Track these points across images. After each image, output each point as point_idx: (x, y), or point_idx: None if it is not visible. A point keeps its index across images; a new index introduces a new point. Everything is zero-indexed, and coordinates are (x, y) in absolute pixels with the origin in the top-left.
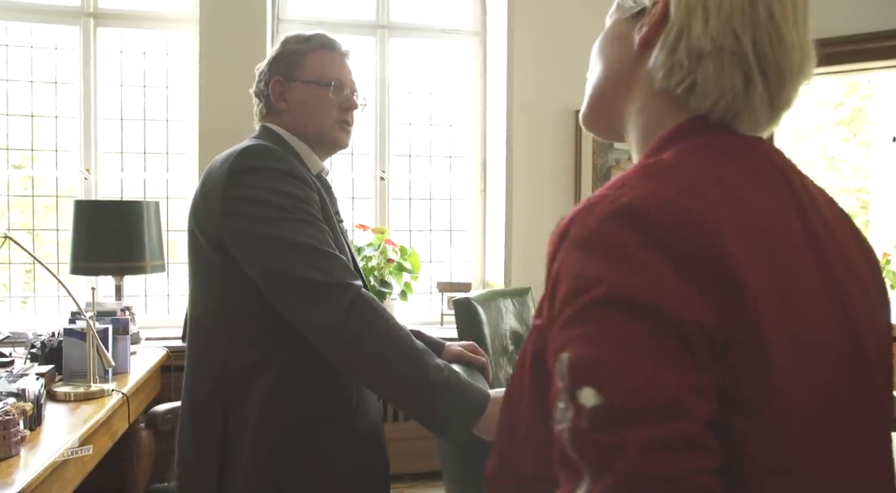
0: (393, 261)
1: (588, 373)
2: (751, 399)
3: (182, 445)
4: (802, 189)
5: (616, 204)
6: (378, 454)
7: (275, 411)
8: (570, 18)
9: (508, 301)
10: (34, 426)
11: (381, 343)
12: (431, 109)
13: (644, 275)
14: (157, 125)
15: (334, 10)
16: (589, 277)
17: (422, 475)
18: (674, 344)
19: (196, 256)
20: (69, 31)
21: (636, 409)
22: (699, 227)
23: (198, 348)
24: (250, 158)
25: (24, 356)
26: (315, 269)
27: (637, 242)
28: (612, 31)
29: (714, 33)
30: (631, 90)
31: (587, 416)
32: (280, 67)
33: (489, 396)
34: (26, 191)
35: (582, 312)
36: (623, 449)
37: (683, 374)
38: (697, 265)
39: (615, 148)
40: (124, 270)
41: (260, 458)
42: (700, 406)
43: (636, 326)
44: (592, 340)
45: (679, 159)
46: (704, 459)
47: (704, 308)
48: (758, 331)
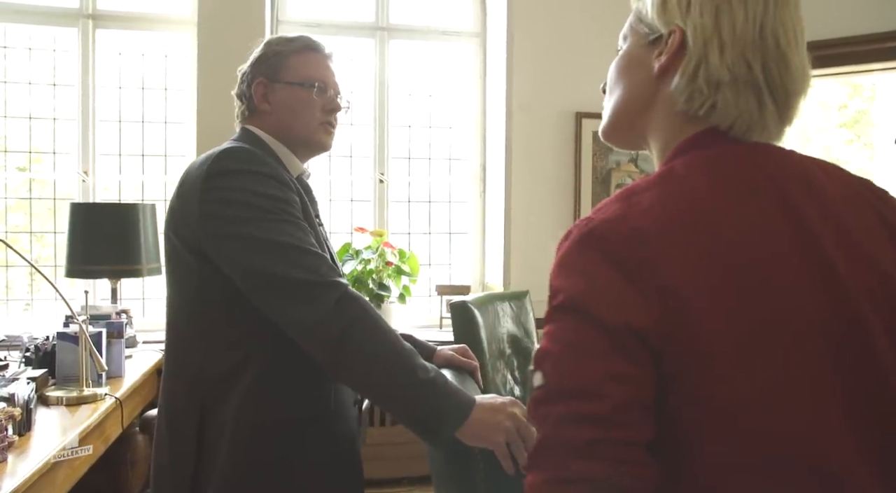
0: (391, 264)
1: (540, 361)
2: (693, 387)
3: (158, 450)
4: (802, 191)
5: (584, 229)
6: (354, 458)
7: (252, 413)
8: (570, 21)
9: (506, 304)
10: (24, 431)
11: (367, 342)
12: (431, 112)
13: (591, 286)
14: (156, 127)
15: (333, 11)
16: (557, 287)
17: (419, 478)
18: (603, 341)
19: (173, 260)
20: (68, 33)
21: (560, 390)
22: (641, 243)
23: (174, 352)
24: (228, 161)
25: (19, 360)
26: (299, 268)
27: (592, 260)
28: (629, 55)
29: (730, 64)
30: (651, 110)
31: (533, 393)
32: (263, 69)
33: (474, 401)
34: (25, 193)
35: (549, 314)
36: (547, 419)
37: (605, 365)
38: (637, 274)
39: (615, 151)
40: (120, 273)
41: (236, 461)
42: (616, 391)
43: (578, 327)
44: (549, 336)
45: (660, 178)
46: (615, 432)
47: (640, 310)
48: (692, 328)
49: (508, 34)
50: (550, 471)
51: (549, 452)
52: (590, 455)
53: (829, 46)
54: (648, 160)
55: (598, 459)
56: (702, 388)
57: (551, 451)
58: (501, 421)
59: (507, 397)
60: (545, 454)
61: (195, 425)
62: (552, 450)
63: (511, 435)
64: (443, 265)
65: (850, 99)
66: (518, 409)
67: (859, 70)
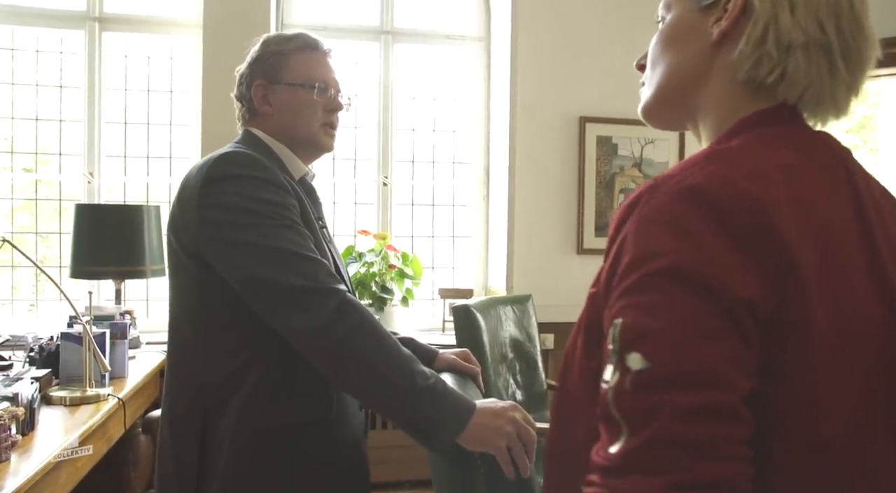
0: (395, 267)
1: (638, 339)
2: (788, 373)
3: (161, 455)
4: (865, 189)
5: (683, 184)
6: (358, 462)
7: (254, 419)
8: (574, 24)
9: (509, 308)
10: (27, 431)
11: (366, 348)
12: (434, 115)
13: (703, 252)
14: (161, 129)
15: (338, 15)
16: (652, 249)
17: (421, 482)
18: (721, 319)
19: (174, 264)
20: (74, 36)
21: (676, 377)
22: (758, 210)
23: (176, 357)
24: (226, 166)
25: (23, 360)
26: (298, 274)
27: (700, 220)
28: (678, 23)
29: (803, 24)
30: (706, 82)
31: (631, 378)
32: (262, 70)
33: (475, 406)
34: (31, 194)
35: (641, 281)
36: (660, 411)
37: (726, 348)
38: (754, 245)
39: (619, 155)
40: (125, 274)
41: (238, 466)
42: (738, 380)
43: (689, 299)
44: (646, 308)
45: (745, 147)
46: (734, 428)
47: (756, 285)
48: (804, 308)
49: (512, 38)
50: (674, 474)
51: (666, 451)
52: (719, 456)
53: None
54: (653, 165)
55: (727, 460)
56: (799, 379)
57: (670, 450)
58: (502, 426)
59: (507, 402)
60: (661, 453)
61: (198, 430)
62: (671, 449)
63: (512, 440)
64: (446, 269)
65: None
66: (519, 413)
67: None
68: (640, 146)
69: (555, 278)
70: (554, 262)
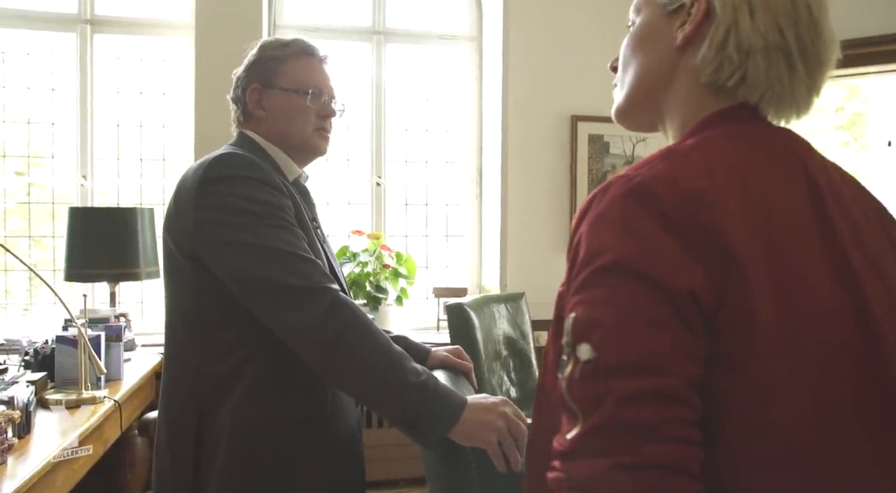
0: (389, 266)
1: (587, 331)
2: (734, 360)
3: (158, 454)
4: (825, 182)
5: (630, 183)
6: (354, 458)
7: (249, 416)
8: (566, 24)
9: (502, 306)
10: (23, 434)
11: (359, 346)
12: (427, 115)
13: (646, 246)
14: (154, 132)
15: (330, 16)
16: (600, 246)
17: (416, 480)
18: (665, 309)
19: (169, 264)
20: (66, 38)
21: (621, 364)
22: (701, 205)
23: (172, 356)
24: (222, 167)
25: (19, 364)
26: (293, 274)
27: (644, 217)
28: (647, 27)
29: (762, 29)
30: (672, 84)
31: (580, 368)
32: (258, 74)
33: (466, 401)
34: (24, 197)
35: (590, 277)
36: (606, 398)
37: (670, 336)
38: (695, 238)
39: (611, 153)
40: (119, 276)
41: (234, 463)
42: (682, 366)
43: (634, 291)
44: (594, 302)
45: (698, 145)
46: (679, 411)
47: (698, 277)
48: (745, 297)
49: (504, 38)
50: (618, 456)
51: (611, 434)
52: (662, 437)
53: None
54: None
55: (673, 441)
56: (745, 366)
57: (615, 433)
58: (493, 421)
59: (498, 397)
60: (607, 436)
61: (193, 428)
62: (616, 432)
63: (503, 434)
64: (440, 268)
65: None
66: (509, 408)
67: (856, 73)
68: (632, 144)
69: (548, 275)
70: (547, 260)
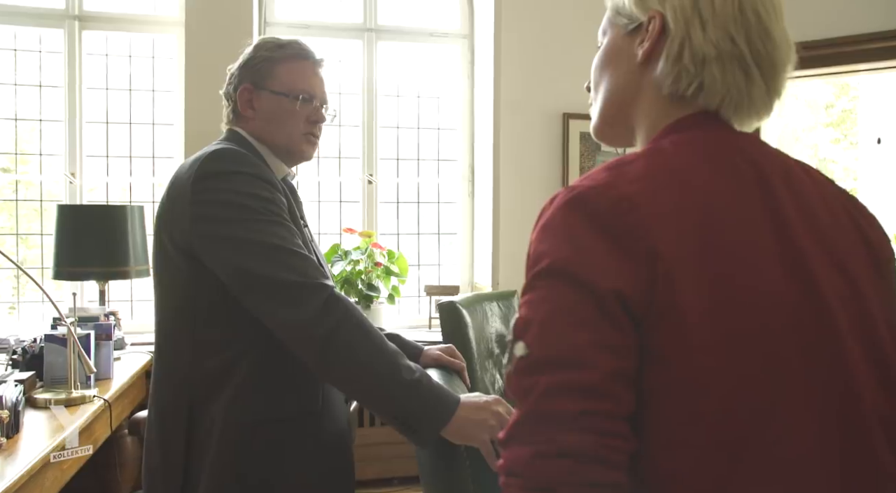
0: (380, 265)
1: (522, 330)
2: (664, 354)
3: (148, 451)
4: (781, 180)
5: (570, 194)
6: (343, 455)
7: (240, 413)
8: (558, 21)
9: (494, 304)
10: (11, 434)
11: (353, 343)
12: (419, 113)
13: (578, 251)
14: (143, 129)
15: (321, 13)
16: (541, 252)
17: (409, 478)
18: (591, 307)
19: (162, 261)
20: (54, 34)
21: (548, 359)
22: (629, 208)
23: (163, 352)
24: (218, 162)
25: (6, 363)
26: (287, 269)
27: (578, 224)
28: (611, 47)
29: (714, 39)
30: (639, 98)
31: (515, 364)
32: (250, 74)
33: (459, 399)
34: (11, 195)
35: (531, 281)
36: (533, 390)
37: (595, 333)
38: (624, 241)
39: (602, 150)
40: (108, 274)
41: (225, 460)
42: (604, 361)
43: (563, 292)
44: (531, 303)
45: (647, 153)
46: (601, 404)
47: (626, 277)
48: (672, 293)
49: (496, 35)
50: (539, 445)
51: (534, 424)
52: (579, 428)
53: (816, 47)
54: None
55: (588, 431)
56: (674, 359)
57: (537, 423)
58: (486, 419)
59: (491, 396)
60: (531, 426)
61: (184, 424)
62: (538, 422)
63: (495, 433)
64: (432, 266)
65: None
66: (502, 407)
67: (846, 71)
68: None
69: None
70: None
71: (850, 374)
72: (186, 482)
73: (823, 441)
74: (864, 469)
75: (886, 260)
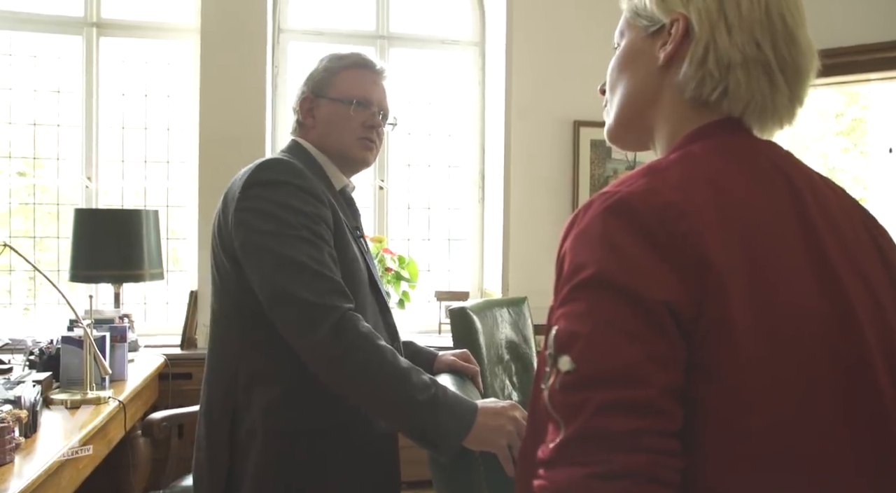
0: (391, 270)
1: (567, 343)
2: (713, 368)
3: (198, 443)
4: (809, 191)
5: (610, 200)
6: (387, 464)
7: (280, 422)
8: (569, 28)
9: (504, 310)
10: (29, 434)
11: (365, 365)
12: (430, 119)
13: (624, 260)
14: (158, 134)
15: (335, 20)
16: (581, 261)
17: (420, 483)
18: (641, 320)
19: (215, 263)
20: (72, 41)
21: (599, 375)
22: (677, 217)
23: (214, 353)
24: (266, 172)
25: (23, 363)
26: (306, 289)
27: (622, 232)
28: (630, 49)
29: (740, 44)
30: (658, 102)
31: (561, 379)
32: (311, 85)
33: (477, 407)
34: (29, 198)
35: (571, 292)
36: (584, 408)
37: (646, 347)
38: (672, 250)
39: (612, 158)
40: (123, 278)
41: (266, 469)
42: (658, 376)
43: (611, 304)
44: (575, 315)
45: (680, 159)
46: (656, 421)
47: (675, 288)
48: (723, 306)
49: (507, 43)
50: (593, 466)
51: (587, 443)
52: (636, 447)
53: (827, 56)
54: None
55: (645, 451)
56: (723, 373)
57: (591, 443)
58: (503, 425)
59: (507, 401)
60: (583, 446)
61: (228, 427)
62: (592, 442)
63: (513, 438)
64: (442, 271)
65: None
66: (518, 412)
67: (857, 80)
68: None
69: (549, 280)
70: (548, 264)
71: (879, 390)
72: (230, 485)
73: (859, 455)
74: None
75: None
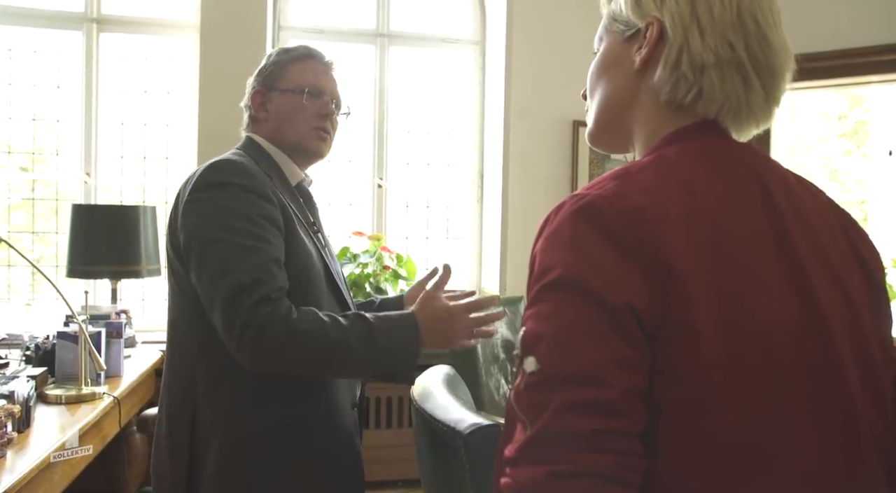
0: (389, 268)
1: (532, 344)
2: (676, 370)
3: (157, 445)
4: (784, 195)
5: (579, 203)
6: (351, 459)
7: (240, 421)
8: (569, 28)
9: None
10: (23, 428)
11: (298, 356)
12: (430, 117)
13: (588, 262)
14: (158, 130)
15: (335, 18)
16: (549, 263)
17: (414, 481)
18: (605, 322)
19: (169, 264)
20: (72, 36)
21: (561, 376)
22: (642, 221)
23: (171, 356)
24: (213, 173)
25: (19, 359)
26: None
27: (588, 234)
28: (608, 54)
29: (713, 46)
30: (635, 105)
31: (525, 380)
32: (262, 79)
33: (413, 314)
34: (28, 193)
35: (538, 293)
36: (546, 407)
37: (608, 348)
38: (636, 253)
39: (611, 158)
40: (120, 273)
41: (225, 468)
42: (620, 377)
43: (575, 305)
44: (540, 317)
45: (652, 162)
46: (617, 422)
47: (638, 290)
48: (686, 310)
49: (507, 42)
50: (554, 464)
51: (549, 443)
52: (596, 447)
53: (829, 58)
54: None
55: (605, 451)
56: (686, 375)
57: (552, 442)
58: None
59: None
60: (545, 445)
61: (188, 428)
62: (553, 441)
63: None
64: None
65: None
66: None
67: (858, 82)
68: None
69: None
70: None
71: (848, 392)
72: (191, 481)
73: (826, 459)
74: (865, 487)
75: (878, 277)
